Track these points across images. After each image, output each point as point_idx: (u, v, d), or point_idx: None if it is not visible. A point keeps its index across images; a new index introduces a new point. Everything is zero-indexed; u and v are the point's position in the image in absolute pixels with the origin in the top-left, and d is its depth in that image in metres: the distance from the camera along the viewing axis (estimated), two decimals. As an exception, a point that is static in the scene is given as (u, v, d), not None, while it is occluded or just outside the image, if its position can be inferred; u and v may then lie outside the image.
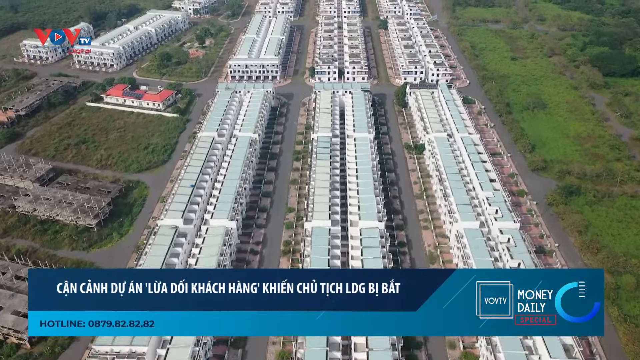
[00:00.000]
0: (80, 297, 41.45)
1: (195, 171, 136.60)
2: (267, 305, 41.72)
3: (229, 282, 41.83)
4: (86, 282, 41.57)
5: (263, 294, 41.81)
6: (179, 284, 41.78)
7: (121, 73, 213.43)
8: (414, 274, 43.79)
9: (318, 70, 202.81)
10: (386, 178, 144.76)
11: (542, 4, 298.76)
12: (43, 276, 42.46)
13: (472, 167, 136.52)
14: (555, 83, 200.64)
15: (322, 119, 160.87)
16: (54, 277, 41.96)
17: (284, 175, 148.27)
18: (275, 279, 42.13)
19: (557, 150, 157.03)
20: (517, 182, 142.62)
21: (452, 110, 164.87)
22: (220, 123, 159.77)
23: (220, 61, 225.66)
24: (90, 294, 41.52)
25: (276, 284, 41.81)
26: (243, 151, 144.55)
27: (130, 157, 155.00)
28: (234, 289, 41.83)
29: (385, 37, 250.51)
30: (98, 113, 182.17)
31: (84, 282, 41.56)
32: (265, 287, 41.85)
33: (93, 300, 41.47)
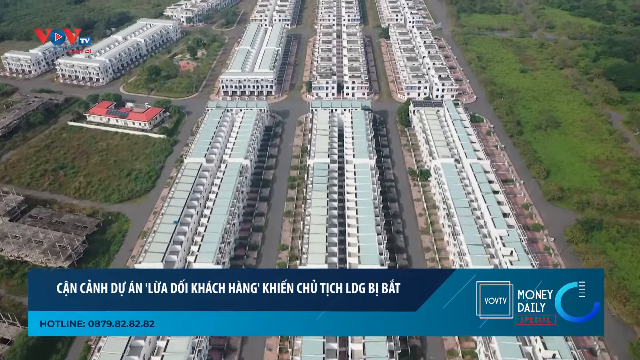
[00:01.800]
0: (80, 297, 41.82)
1: (179, 204, 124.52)
2: (267, 306, 41.95)
3: (229, 282, 42.25)
4: (86, 282, 41.96)
5: (263, 294, 42.01)
6: (179, 284, 42.19)
7: (107, 88, 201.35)
8: (414, 274, 43.98)
9: (316, 86, 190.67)
10: (389, 210, 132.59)
11: (551, 10, 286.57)
12: (43, 276, 42.81)
13: (483, 199, 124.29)
14: (568, 98, 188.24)
15: (319, 143, 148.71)
16: (53, 277, 42.47)
17: (278, 206, 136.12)
18: (275, 279, 42.46)
19: (574, 177, 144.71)
20: (532, 214, 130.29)
21: (460, 132, 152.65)
22: (209, 147, 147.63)
23: (212, 74, 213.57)
24: (90, 294, 41.84)
25: (276, 284, 42.10)
26: (232, 180, 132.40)
27: (111, 185, 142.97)
28: (234, 289, 42.12)
29: (386, 47, 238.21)
30: (80, 134, 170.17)
31: (84, 282, 41.95)
32: (265, 287, 42.07)
33: (93, 300, 41.86)
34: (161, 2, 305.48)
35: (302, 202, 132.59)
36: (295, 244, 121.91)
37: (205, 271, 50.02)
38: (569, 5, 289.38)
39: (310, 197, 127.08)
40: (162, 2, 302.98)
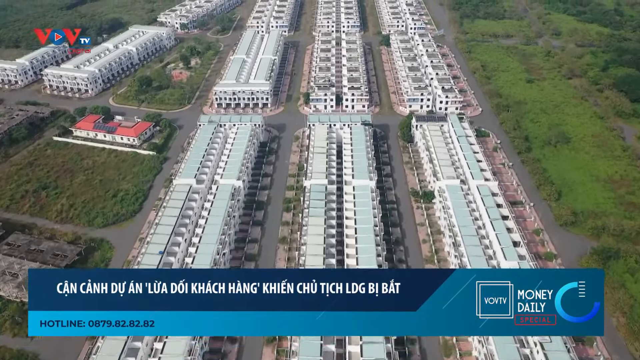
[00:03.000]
0: (80, 297, 41.85)
1: (166, 231, 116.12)
2: (267, 305, 41.83)
3: (229, 282, 42.28)
4: (86, 282, 42.04)
5: (263, 294, 41.81)
6: (179, 284, 42.24)
7: (96, 100, 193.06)
8: (414, 274, 44.21)
9: (313, 98, 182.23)
10: (390, 235, 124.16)
11: (556, 16, 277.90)
12: (43, 276, 42.93)
13: (491, 226, 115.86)
14: (577, 111, 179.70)
15: (317, 162, 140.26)
16: (53, 277, 42.62)
17: (272, 231, 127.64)
18: (275, 279, 42.41)
19: (587, 198, 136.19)
20: (544, 240, 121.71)
21: (465, 150, 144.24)
22: (200, 167, 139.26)
23: (206, 84, 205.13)
24: (90, 294, 41.83)
25: (276, 284, 41.96)
26: (223, 205, 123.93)
27: (95, 208, 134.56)
28: (234, 289, 42.03)
29: (387, 56, 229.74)
30: (65, 150, 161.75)
31: (84, 283, 42.00)
32: (265, 287, 41.91)
33: (93, 300, 41.84)
34: (155, 7, 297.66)
35: (298, 227, 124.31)
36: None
37: (205, 271, 54.82)
38: (575, 11, 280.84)
39: (307, 224, 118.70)
40: (156, 8, 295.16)
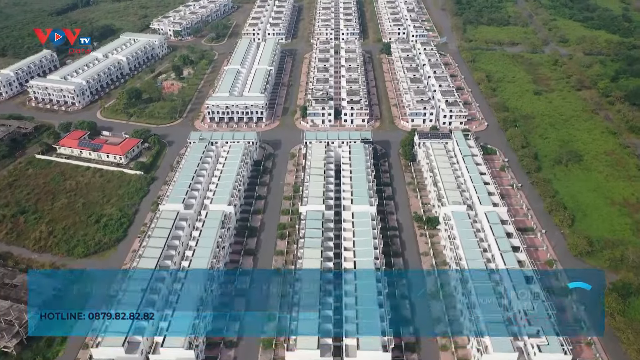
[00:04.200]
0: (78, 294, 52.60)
1: (149, 264, 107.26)
2: None
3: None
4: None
5: None
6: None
7: (82, 113, 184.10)
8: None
9: (311, 112, 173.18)
10: (392, 267, 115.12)
11: (562, 22, 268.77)
12: (41, 276, 51.33)
13: (502, 260, 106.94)
14: (588, 126, 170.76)
15: (313, 185, 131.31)
16: (53, 276, 51.78)
17: (265, 262, 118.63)
18: None
19: (602, 224, 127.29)
20: (558, 274, 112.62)
21: (472, 172, 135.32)
22: (189, 190, 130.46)
23: (199, 96, 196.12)
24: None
25: None
26: (212, 234, 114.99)
27: (76, 235, 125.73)
28: None
29: (388, 65, 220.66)
30: (47, 169, 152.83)
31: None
32: None
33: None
34: (149, 13, 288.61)
35: (293, 258, 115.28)
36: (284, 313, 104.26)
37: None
38: (581, 17, 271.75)
39: (302, 256, 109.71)
40: (149, 14, 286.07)
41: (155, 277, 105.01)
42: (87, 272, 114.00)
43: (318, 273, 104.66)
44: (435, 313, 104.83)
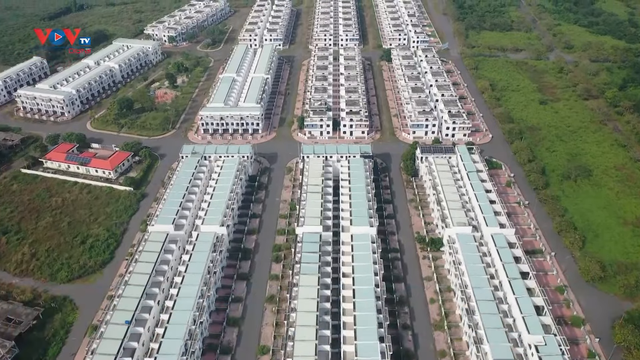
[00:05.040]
0: None
1: (135, 294, 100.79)
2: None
3: None
4: None
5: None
6: None
7: (72, 124, 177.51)
8: None
9: (308, 123, 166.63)
10: (394, 294, 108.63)
11: (567, 27, 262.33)
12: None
13: (510, 287, 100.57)
14: (597, 138, 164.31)
15: (310, 203, 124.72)
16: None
17: (259, 287, 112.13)
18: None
19: (614, 246, 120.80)
20: (569, 301, 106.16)
21: (477, 189, 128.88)
22: (179, 209, 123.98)
23: (193, 105, 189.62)
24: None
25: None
26: (203, 259, 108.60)
27: (60, 258, 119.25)
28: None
29: (389, 72, 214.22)
30: (33, 185, 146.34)
31: None
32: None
33: None
34: (143, 17, 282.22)
35: (288, 285, 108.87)
36: (278, 344, 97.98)
37: None
38: (586, 22, 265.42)
39: (298, 282, 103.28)
40: (144, 18, 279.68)
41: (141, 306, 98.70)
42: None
43: (315, 303, 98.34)
44: (440, 345, 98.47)
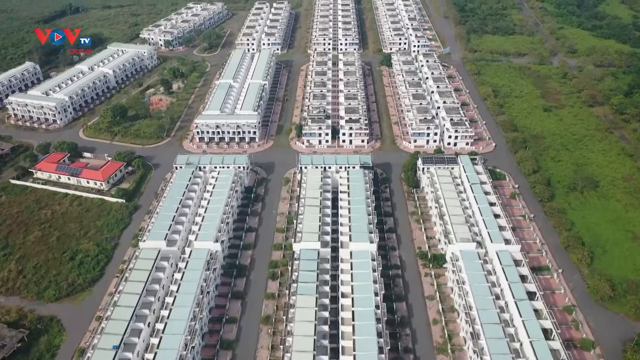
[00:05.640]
0: None
1: (125, 316, 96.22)
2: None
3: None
4: None
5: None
6: None
7: (64, 132, 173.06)
8: None
9: (307, 132, 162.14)
10: (395, 314, 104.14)
11: (570, 31, 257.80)
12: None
13: (517, 311, 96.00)
14: (603, 147, 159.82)
15: (308, 218, 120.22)
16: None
17: (254, 307, 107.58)
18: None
19: (624, 262, 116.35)
20: (578, 322, 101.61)
21: (481, 203, 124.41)
22: (172, 224, 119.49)
23: (189, 112, 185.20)
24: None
25: None
26: (196, 278, 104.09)
27: (48, 275, 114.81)
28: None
29: (389, 78, 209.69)
30: (22, 196, 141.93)
31: None
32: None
33: None
34: (139, 20, 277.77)
35: (285, 305, 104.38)
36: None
37: None
38: (590, 25, 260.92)
39: (295, 303, 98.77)
40: (140, 21, 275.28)
41: (130, 328, 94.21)
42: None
43: (312, 326, 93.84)
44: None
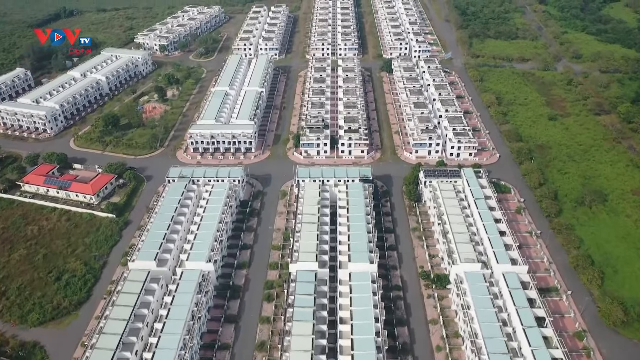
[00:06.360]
0: None
1: (110, 344, 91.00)
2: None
3: None
4: None
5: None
6: None
7: (54, 142, 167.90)
8: None
9: (304, 142, 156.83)
10: (396, 340, 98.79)
11: (574, 35, 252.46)
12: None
13: (526, 339, 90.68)
14: (611, 158, 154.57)
15: (306, 236, 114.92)
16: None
17: (249, 332, 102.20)
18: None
19: (636, 282, 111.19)
20: (589, 349, 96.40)
21: (486, 219, 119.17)
22: (163, 242, 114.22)
23: (183, 121, 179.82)
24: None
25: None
26: (187, 302, 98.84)
27: (32, 297, 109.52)
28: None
29: (389, 84, 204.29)
30: (9, 210, 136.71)
31: None
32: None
33: None
34: (134, 24, 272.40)
35: (280, 331, 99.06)
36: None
37: None
38: (594, 29, 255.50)
39: (291, 330, 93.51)
40: (135, 25, 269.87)
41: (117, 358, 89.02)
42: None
43: (309, 356, 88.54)
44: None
